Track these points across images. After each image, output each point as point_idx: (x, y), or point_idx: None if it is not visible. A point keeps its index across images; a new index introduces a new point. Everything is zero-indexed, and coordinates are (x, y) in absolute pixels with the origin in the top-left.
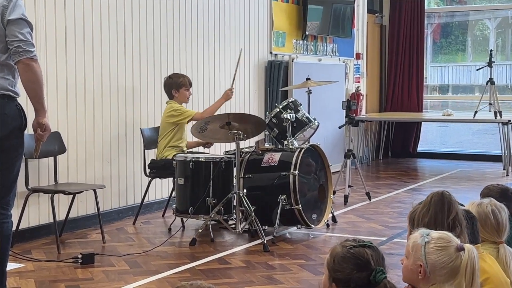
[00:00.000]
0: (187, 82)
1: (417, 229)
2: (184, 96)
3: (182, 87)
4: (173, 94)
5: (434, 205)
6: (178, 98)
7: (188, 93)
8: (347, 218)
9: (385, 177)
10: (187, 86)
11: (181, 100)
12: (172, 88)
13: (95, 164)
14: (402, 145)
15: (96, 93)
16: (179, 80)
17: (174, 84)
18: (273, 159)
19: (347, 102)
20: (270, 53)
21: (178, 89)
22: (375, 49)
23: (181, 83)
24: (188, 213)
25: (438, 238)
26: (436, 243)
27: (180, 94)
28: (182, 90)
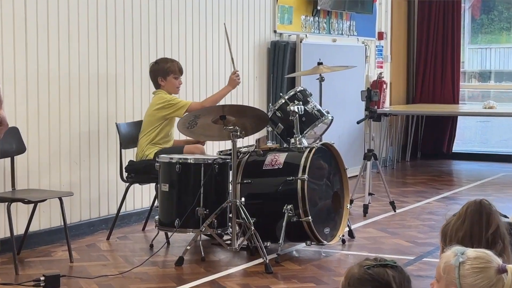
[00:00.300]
0: (176, 68)
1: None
2: (172, 85)
3: (169, 74)
4: (159, 82)
5: (470, 216)
6: (165, 87)
7: (178, 82)
8: (367, 232)
9: (413, 183)
10: (176, 74)
11: (169, 90)
12: (158, 76)
13: (61, 166)
14: (433, 144)
15: (62, 81)
16: (166, 65)
17: (160, 71)
18: (277, 161)
19: (367, 91)
20: (274, 32)
21: (165, 76)
22: (401, 28)
23: (168, 69)
24: (173, 226)
25: (475, 257)
26: (473, 264)
27: (167, 83)
28: (170, 78)
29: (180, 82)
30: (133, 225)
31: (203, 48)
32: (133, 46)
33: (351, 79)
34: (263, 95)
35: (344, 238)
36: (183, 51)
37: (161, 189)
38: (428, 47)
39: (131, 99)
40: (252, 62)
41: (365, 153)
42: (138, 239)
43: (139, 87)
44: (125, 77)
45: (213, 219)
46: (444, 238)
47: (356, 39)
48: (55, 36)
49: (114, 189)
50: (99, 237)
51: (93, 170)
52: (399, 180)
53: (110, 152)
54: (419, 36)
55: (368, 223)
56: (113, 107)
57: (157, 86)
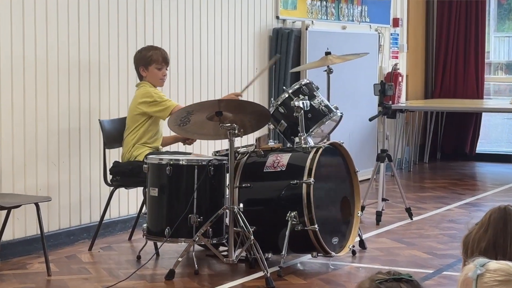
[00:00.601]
0: (159, 57)
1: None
2: (155, 77)
3: (152, 63)
4: (141, 73)
5: (494, 225)
6: (147, 79)
7: (161, 73)
8: (380, 242)
9: (432, 187)
10: (160, 64)
11: (152, 82)
12: (139, 65)
13: (37, 168)
14: (455, 144)
15: (39, 72)
16: (148, 54)
17: (141, 60)
18: (280, 163)
19: (381, 85)
20: (277, 18)
21: (146, 66)
22: (419, 14)
23: (150, 58)
24: (163, 235)
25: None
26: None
27: (149, 74)
28: (151, 68)
29: (164, 73)
30: (118, 234)
31: (196, 36)
32: (119, 32)
33: (362, 71)
34: (264, 89)
35: (354, 249)
36: (175, 38)
37: (150, 193)
38: (449, 35)
39: (116, 93)
40: (252, 52)
41: (378, 154)
42: (124, 250)
43: (125, 79)
44: (110, 67)
45: (208, 228)
46: (466, 249)
47: (369, 26)
48: (30, 21)
49: (97, 193)
50: (80, 247)
51: (74, 172)
52: (416, 184)
53: (92, 152)
54: (439, 23)
55: (381, 232)
56: (96, 101)
57: (140, 77)
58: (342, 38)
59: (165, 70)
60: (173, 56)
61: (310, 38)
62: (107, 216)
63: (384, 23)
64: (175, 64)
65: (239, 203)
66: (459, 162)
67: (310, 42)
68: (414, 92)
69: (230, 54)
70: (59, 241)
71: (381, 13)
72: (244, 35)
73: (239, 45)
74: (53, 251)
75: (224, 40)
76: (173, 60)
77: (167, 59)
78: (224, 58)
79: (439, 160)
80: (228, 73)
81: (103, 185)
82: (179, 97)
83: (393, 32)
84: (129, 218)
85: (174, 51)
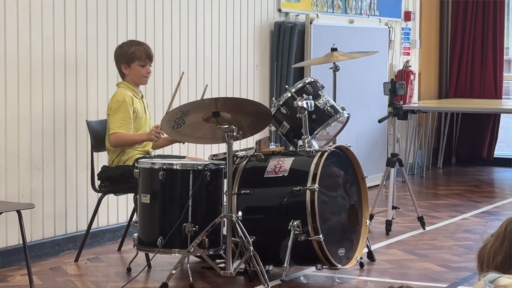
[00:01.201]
0: (142, 53)
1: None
2: (137, 75)
3: (134, 60)
4: (123, 71)
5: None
6: (129, 76)
7: (145, 71)
8: (390, 254)
9: (446, 194)
10: (143, 60)
11: (135, 80)
12: (120, 62)
13: (19, 173)
14: (471, 148)
15: (22, 68)
16: (130, 50)
17: (123, 56)
18: (282, 167)
19: (391, 83)
20: (279, 11)
21: (128, 63)
22: (432, 6)
23: (132, 54)
24: (156, 246)
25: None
26: None
27: (132, 71)
28: (134, 66)
29: (148, 70)
30: (106, 244)
31: (192, 30)
32: (108, 25)
33: (371, 69)
34: (265, 88)
35: (362, 261)
36: (168, 32)
37: (141, 200)
38: (465, 29)
39: (105, 91)
40: (252, 48)
41: (389, 158)
42: (113, 261)
43: (115, 77)
44: (98, 64)
45: (204, 238)
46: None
47: (378, 20)
48: (12, 14)
49: (84, 200)
50: (66, 258)
51: (59, 177)
52: (429, 191)
53: (79, 155)
54: (454, 16)
55: (392, 243)
56: (84, 101)
57: (122, 75)
58: (350, 33)
59: (149, 67)
60: (166, 53)
61: (315, 33)
62: (94, 224)
63: (395, 17)
64: (168, 61)
65: (238, 211)
66: (476, 167)
67: (315, 37)
68: (427, 91)
69: (228, 51)
70: (42, 252)
71: (392, 6)
72: (243, 29)
73: (237, 41)
74: (36, 263)
75: (222, 35)
76: (166, 57)
77: (151, 55)
78: (221, 55)
79: (454, 165)
80: (226, 71)
81: (91, 191)
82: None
83: (404, 26)
84: (118, 227)
85: (168, 46)
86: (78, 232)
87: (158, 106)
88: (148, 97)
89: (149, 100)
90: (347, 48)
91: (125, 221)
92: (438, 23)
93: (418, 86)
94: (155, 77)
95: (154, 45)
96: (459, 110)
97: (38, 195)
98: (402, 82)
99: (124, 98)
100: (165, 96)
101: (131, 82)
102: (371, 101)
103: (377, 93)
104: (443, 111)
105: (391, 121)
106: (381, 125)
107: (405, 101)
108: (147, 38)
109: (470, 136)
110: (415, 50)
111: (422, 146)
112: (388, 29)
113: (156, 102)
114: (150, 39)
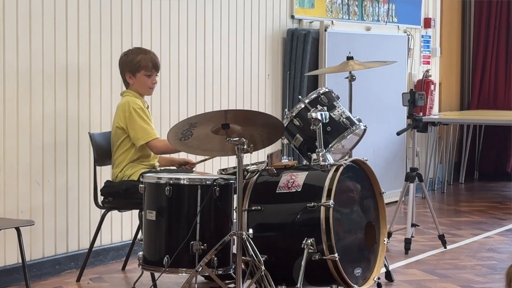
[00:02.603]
0: (149, 63)
1: None
2: (142, 85)
3: (140, 70)
4: (127, 80)
5: None
6: (134, 86)
7: (151, 81)
8: (409, 274)
9: (468, 211)
10: (149, 70)
11: (139, 91)
12: (125, 71)
13: (18, 187)
14: (495, 162)
15: (22, 78)
16: (136, 58)
17: (128, 65)
18: (295, 182)
19: (410, 94)
20: (291, 18)
21: (133, 72)
22: (454, 13)
23: (138, 63)
24: (162, 265)
25: None
26: None
27: (136, 81)
28: (140, 75)
29: (154, 81)
30: (110, 263)
31: (200, 37)
32: (112, 33)
33: (389, 78)
34: (277, 98)
35: (380, 282)
36: (175, 40)
37: (147, 217)
38: (488, 37)
39: (109, 102)
40: (263, 56)
41: (408, 173)
42: (117, 281)
43: (119, 87)
44: (101, 73)
45: (213, 257)
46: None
47: (397, 27)
48: (12, 21)
49: (86, 217)
50: (67, 278)
51: (60, 193)
52: (450, 208)
53: (81, 169)
54: (477, 23)
55: (411, 262)
56: (86, 112)
57: (126, 84)
58: (366, 41)
59: (155, 77)
60: (173, 61)
61: (330, 41)
62: (97, 242)
63: (414, 24)
64: (175, 70)
65: (248, 229)
66: (500, 182)
67: (330, 45)
68: (448, 102)
69: (238, 59)
70: (43, 271)
71: (411, 13)
72: (254, 37)
73: (248, 49)
74: (36, 282)
75: (231, 43)
76: (173, 66)
77: (158, 64)
78: (231, 64)
79: (477, 180)
80: (236, 80)
81: (94, 208)
82: (180, 109)
83: (424, 34)
84: (122, 245)
85: (175, 54)
86: (80, 250)
87: (164, 117)
88: (154, 108)
89: (155, 112)
90: (363, 56)
91: (130, 239)
92: (459, 30)
93: (438, 97)
94: (161, 86)
95: (160, 52)
96: (482, 122)
97: (38, 212)
98: (422, 92)
99: (139, 104)
100: (171, 108)
101: (135, 91)
102: (389, 113)
103: (396, 104)
104: (465, 123)
105: (410, 134)
106: (399, 138)
107: (425, 113)
108: (153, 45)
109: (494, 150)
110: (436, 58)
111: (443, 160)
112: (407, 37)
113: (162, 113)
114: (156, 46)
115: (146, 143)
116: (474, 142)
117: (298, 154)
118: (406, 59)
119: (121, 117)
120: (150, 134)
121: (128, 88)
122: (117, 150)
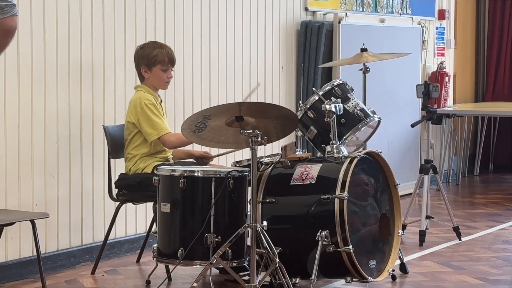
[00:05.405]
0: (165, 57)
1: None
2: (158, 79)
3: (156, 64)
4: (143, 74)
5: None
6: (149, 81)
7: (167, 75)
8: (424, 266)
9: (484, 203)
10: (165, 64)
11: (154, 85)
12: (141, 65)
13: (33, 180)
14: (510, 154)
15: (36, 72)
16: (153, 53)
17: (144, 59)
18: (309, 175)
19: (424, 86)
20: (305, 10)
21: (149, 67)
22: (468, 4)
23: (155, 58)
24: (176, 257)
25: None
26: None
27: (152, 76)
28: (156, 70)
29: (170, 75)
30: (124, 255)
31: (214, 30)
32: (126, 26)
33: (404, 70)
34: (291, 91)
35: (394, 274)
36: (189, 33)
37: (161, 209)
38: (503, 29)
39: (123, 95)
40: (277, 49)
41: (422, 165)
42: (131, 274)
43: (133, 80)
44: (115, 66)
45: (227, 249)
46: None
47: (411, 18)
48: (26, 14)
49: (101, 209)
50: (82, 270)
51: (75, 186)
52: (465, 200)
53: (96, 162)
54: (492, 14)
55: (426, 254)
56: (100, 105)
57: (141, 78)
58: (380, 33)
59: (170, 72)
60: (187, 54)
61: (344, 33)
62: (112, 235)
63: (429, 16)
64: (189, 63)
65: (263, 221)
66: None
67: (344, 37)
68: (462, 94)
69: (252, 52)
70: (57, 264)
71: (425, 4)
72: (268, 29)
73: (262, 41)
74: (51, 275)
75: (245, 36)
76: (187, 59)
77: (174, 59)
78: (245, 56)
79: (492, 172)
80: (250, 73)
81: (108, 200)
82: (194, 101)
83: (438, 25)
84: (137, 238)
85: (189, 48)
86: (95, 243)
87: (178, 110)
88: (168, 101)
89: (169, 105)
90: (377, 48)
91: (144, 231)
92: (474, 22)
93: (453, 89)
94: (175, 79)
95: (175, 46)
96: (497, 114)
97: (53, 204)
98: (436, 84)
99: (150, 100)
100: (185, 100)
101: (150, 86)
102: (403, 105)
103: (410, 96)
104: (479, 115)
105: (424, 126)
106: (414, 130)
107: (439, 105)
108: (167, 38)
109: (509, 142)
110: (450, 50)
111: (457, 152)
112: (421, 29)
113: (176, 106)
114: (169, 40)
115: (159, 138)
116: (488, 134)
117: (312, 146)
118: (420, 51)
119: (132, 112)
120: (162, 129)
121: (143, 82)
122: (129, 144)
